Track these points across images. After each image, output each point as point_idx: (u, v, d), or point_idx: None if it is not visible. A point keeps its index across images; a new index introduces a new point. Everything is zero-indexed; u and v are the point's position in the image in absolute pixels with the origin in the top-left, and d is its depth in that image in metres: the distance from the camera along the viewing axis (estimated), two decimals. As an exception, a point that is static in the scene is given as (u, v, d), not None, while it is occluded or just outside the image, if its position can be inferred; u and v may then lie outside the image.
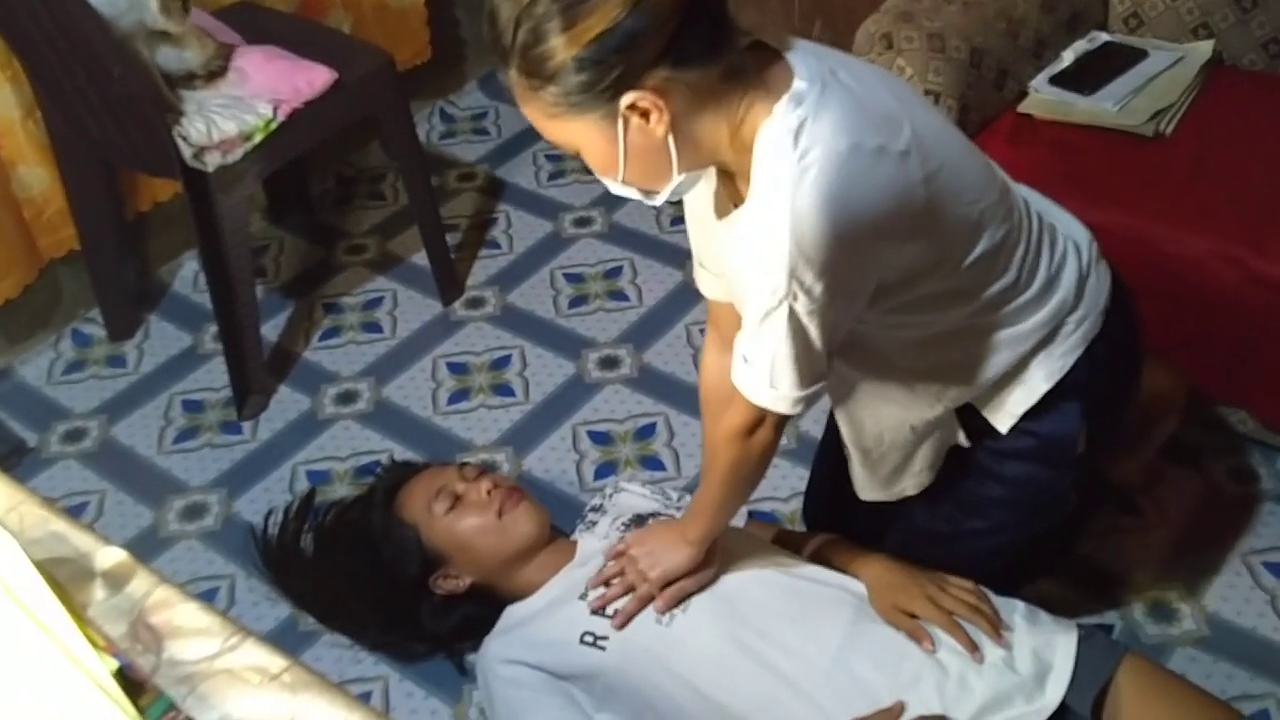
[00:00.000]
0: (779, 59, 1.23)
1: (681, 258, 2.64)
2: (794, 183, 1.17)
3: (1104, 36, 2.31)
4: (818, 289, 1.21)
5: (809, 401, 1.33)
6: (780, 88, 1.20)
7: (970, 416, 1.50)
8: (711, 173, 1.34)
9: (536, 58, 1.14)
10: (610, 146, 1.20)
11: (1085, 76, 2.19)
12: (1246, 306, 1.87)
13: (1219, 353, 1.94)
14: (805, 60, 1.22)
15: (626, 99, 1.15)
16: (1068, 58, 2.26)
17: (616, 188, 1.28)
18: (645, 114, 1.17)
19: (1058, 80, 2.20)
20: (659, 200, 1.29)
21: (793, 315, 1.23)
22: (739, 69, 1.20)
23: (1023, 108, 2.18)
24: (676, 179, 1.25)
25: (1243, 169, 2.01)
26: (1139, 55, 2.23)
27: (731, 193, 1.34)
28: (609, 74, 1.13)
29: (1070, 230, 1.49)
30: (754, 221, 1.22)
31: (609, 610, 1.62)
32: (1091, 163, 2.06)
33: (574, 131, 1.20)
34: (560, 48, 1.12)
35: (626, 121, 1.17)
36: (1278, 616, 1.87)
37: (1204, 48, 2.25)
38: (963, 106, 2.09)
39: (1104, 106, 2.13)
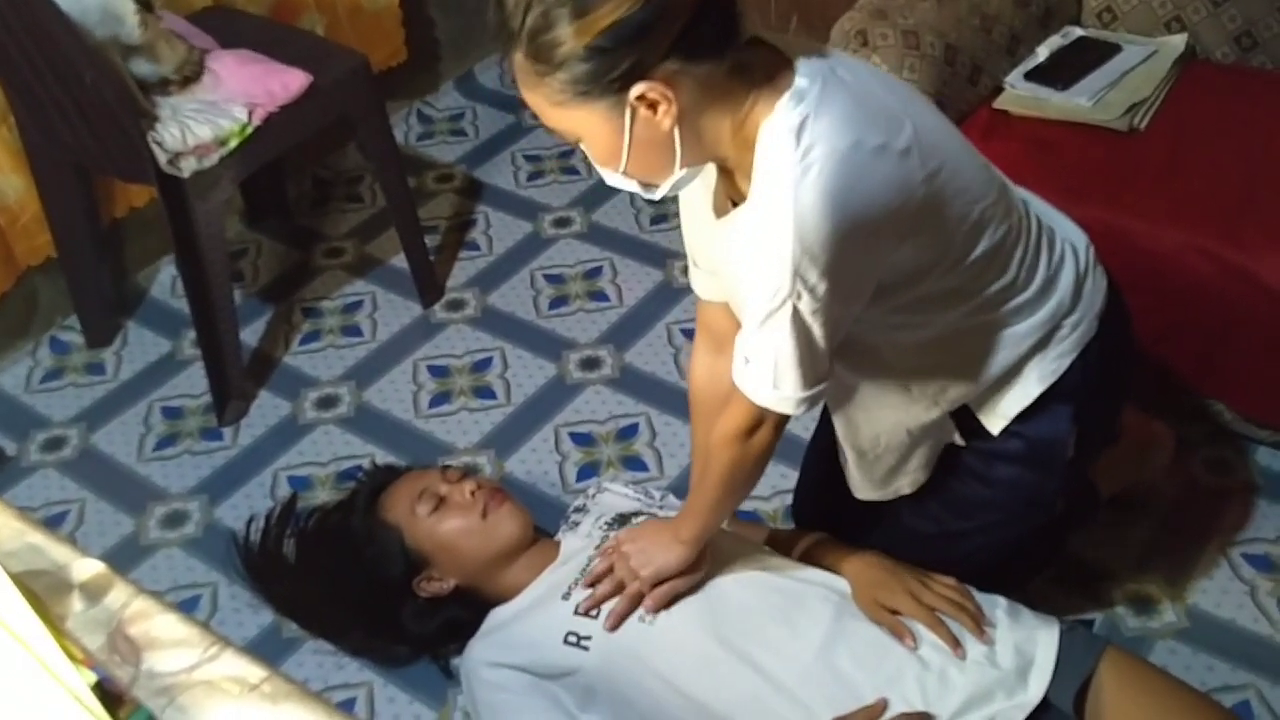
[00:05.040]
0: (781, 56, 1.22)
1: (661, 257, 2.64)
2: (796, 180, 1.17)
3: (1077, 31, 2.32)
4: (821, 288, 1.21)
5: (812, 402, 1.33)
6: (782, 85, 1.20)
7: (962, 416, 1.50)
8: (710, 170, 1.33)
9: (545, 44, 1.12)
10: (614, 137, 1.19)
11: (1059, 72, 2.20)
12: (1221, 299, 1.88)
13: (1195, 345, 1.95)
14: (806, 57, 1.22)
15: (635, 90, 1.14)
16: (1042, 53, 2.27)
17: (614, 179, 1.26)
18: (653, 106, 1.16)
19: (1032, 76, 2.21)
20: (657, 194, 1.28)
21: (796, 315, 1.23)
22: (746, 65, 1.20)
23: (998, 104, 2.19)
24: (678, 173, 1.24)
25: (1217, 162, 2.02)
26: (1112, 50, 2.24)
27: (731, 190, 1.33)
28: (619, 65, 1.12)
29: (1068, 234, 1.49)
30: (756, 220, 1.21)
31: (596, 612, 1.61)
32: (1067, 158, 2.06)
33: (578, 120, 1.19)
34: (570, 36, 1.11)
35: (633, 112, 1.16)
36: (1257, 607, 1.88)
37: (1177, 41, 2.26)
38: (938, 103, 2.08)
39: (1078, 101, 2.14)
